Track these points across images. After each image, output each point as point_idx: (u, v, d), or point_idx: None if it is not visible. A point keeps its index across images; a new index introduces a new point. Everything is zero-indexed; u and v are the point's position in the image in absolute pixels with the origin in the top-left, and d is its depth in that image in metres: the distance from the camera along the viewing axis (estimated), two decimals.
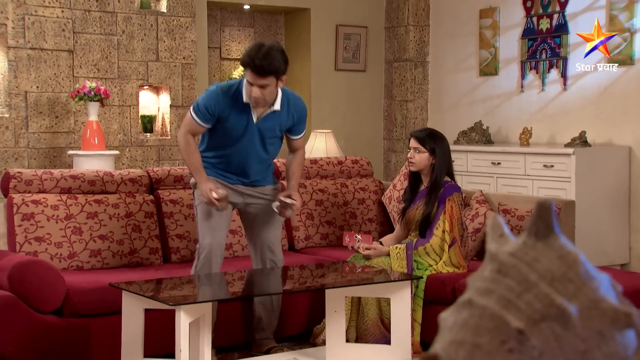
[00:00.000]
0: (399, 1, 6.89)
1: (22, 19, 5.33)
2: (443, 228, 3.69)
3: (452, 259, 3.68)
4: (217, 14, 6.76)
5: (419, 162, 3.79)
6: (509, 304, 0.84)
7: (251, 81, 3.35)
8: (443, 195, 3.72)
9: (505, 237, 0.90)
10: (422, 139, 3.78)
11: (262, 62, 3.31)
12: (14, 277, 3.20)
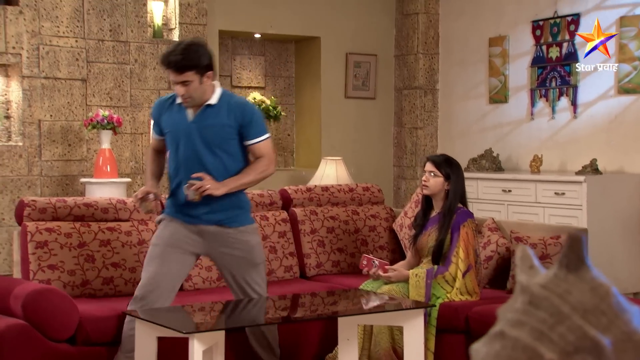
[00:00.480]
0: (408, 29, 6.94)
1: (36, 48, 5.40)
2: (458, 256, 3.66)
3: (467, 286, 3.66)
4: (228, 43, 6.82)
5: (433, 186, 3.76)
6: (541, 336, 0.84)
7: (172, 79, 3.24)
8: (457, 222, 3.70)
9: (535, 268, 0.90)
10: (438, 163, 3.77)
11: (177, 57, 3.18)
12: (27, 305, 3.21)
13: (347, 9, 6.91)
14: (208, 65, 3.25)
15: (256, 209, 4.48)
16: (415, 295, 3.62)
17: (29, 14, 5.36)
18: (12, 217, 5.30)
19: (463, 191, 3.80)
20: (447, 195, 3.76)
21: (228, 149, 3.33)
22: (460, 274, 3.65)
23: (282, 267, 4.39)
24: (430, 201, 3.86)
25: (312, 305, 3.61)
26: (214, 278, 4.17)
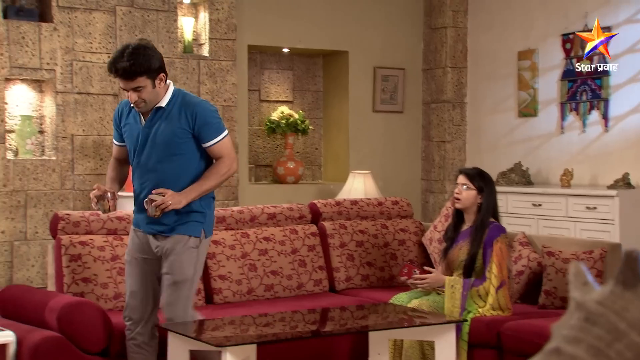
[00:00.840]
0: (436, 43, 6.94)
1: (70, 64, 5.48)
2: (492, 271, 3.63)
3: (499, 302, 3.62)
4: (257, 57, 6.87)
5: (466, 199, 3.72)
6: (599, 353, 0.84)
7: (122, 87, 3.10)
8: (490, 237, 3.66)
9: (589, 285, 0.90)
10: (471, 176, 3.73)
11: (124, 64, 3.02)
12: (62, 317, 3.24)
13: (375, 23, 6.93)
14: (159, 67, 3.11)
15: (285, 222, 4.50)
16: (450, 307, 3.59)
17: (63, 30, 5.45)
18: (45, 230, 5.37)
19: (495, 205, 3.77)
20: (479, 209, 3.72)
21: (184, 152, 3.15)
22: (494, 289, 3.62)
23: (311, 281, 4.39)
24: (461, 214, 3.83)
25: (343, 320, 3.60)
26: (244, 291, 4.19)
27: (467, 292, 3.62)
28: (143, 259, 3.30)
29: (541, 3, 6.23)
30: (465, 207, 3.74)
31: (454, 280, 3.67)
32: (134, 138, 3.23)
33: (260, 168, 6.91)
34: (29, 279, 5.31)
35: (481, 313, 3.62)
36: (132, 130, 3.24)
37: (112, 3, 5.63)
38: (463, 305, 3.60)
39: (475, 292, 3.63)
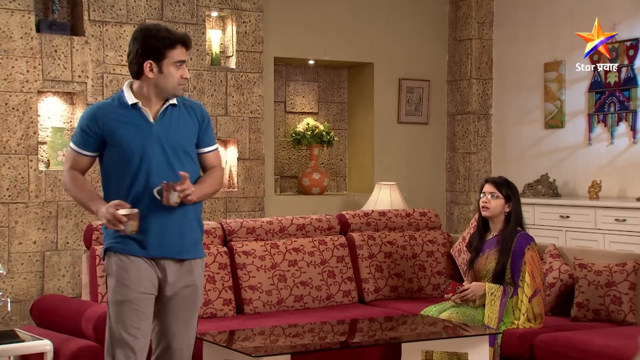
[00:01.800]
0: (461, 55, 6.96)
1: (101, 77, 5.56)
2: (524, 280, 3.62)
3: (534, 310, 3.62)
4: (283, 69, 6.93)
5: (494, 208, 3.74)
6: None
7: (181, 58, 2.79)
8: (519, 245, 3.66)
9: None
10: (499, 184, 3.76)
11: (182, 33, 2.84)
12: (99, 327, 3.29)
13: (400, 35, 6.96)
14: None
15: (314, 233, 4.53)
16: (489, 314, 3.59)
17: (94, 44, 5.54)
18: (75, 240, 5.44)
19: (521, 214, 3.79)
20: (507, 217, 3.73)
21: (192, 155, 2.91)
22: (527, 298, 3.62)
23: (340, 292, 4.41)
24: (486, 223, 3.83)
25: (375, 331, 3.62)
26: (274, 302, 4.22)
27: (507, 299, 3.62)
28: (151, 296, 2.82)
29: (568, 14, 6.22)
30: (493, 215, 3.76)
31: (493, 288, 3.67)
32: (141, 139, 2.78)
33: (285, 179, 6.95)
34: (59, 288, 5.38)
35: (515, 325, 3.61)
36: (137, 131, 2.79)
37: (142, 16, 5.71)
38: (501, 313, 3.60)
39: (510, 304, 3.62)
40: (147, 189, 2.78)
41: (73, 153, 2.87)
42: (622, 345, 3.23)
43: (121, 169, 2.80)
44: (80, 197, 2.85)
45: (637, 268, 3.73)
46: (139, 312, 2.77)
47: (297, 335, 3.53)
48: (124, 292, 2.76)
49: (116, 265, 2.78)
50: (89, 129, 2.82)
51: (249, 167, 6.12)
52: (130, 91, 2.86)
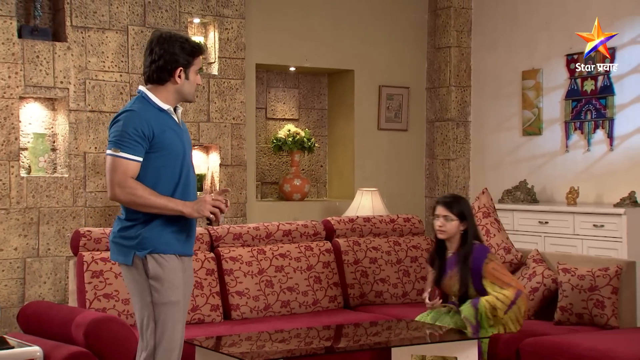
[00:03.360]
0: (440, 62, 7.04)
1: (83, 83, 5.54)
2: (496, 291, 3.64)
3: (521, 309, 3.62)
4: (264, 76, 6.95)
5: (450, 230, 3.75)
6: None
7: (202, 66, 3.06)
8: (475, 262, 3.68)
9: None
10: (450, 205, 3.75)
11: (202, 43, 3.05)
12: (90, 333, 3.28)
13: (380, 42, 7.03)
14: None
15: (300, 239, 4.56)
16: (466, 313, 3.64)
17: (77, 49, 5.52)
18: (57, 247, 5.40)
19: (476, 228, 3.80)
20: (462, 236, 3.74)
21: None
22: (504, 306, 3.61)
23: (326, 297, 4.44)
24: (442, 242, 3.84)
25: (364, 336, 3.65)
26: (261, 307, 4.24)
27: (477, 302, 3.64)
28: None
29: (546, 24, 6.34)
30: (449, 237, 3.77)
31: (469, 314, 3.69)
32: (180, 142, 2.89)
33: (266, 185, 6.97)
34: (40, 295, 5.34)
35: (498, 330, 3.66)
36: (176, 135, 2.89)
37: (125, 23, 5.70)
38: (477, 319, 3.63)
39: (484, 313, 3.62)
40: (186, 191, 2.88)
41: (127, 162, 2.77)
42: (609, 349, 3.30)
43: (167, 172, 2.84)
44: (159, 203, 2.78)
45: (620, 273, 3.82)
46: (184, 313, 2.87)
47: (284, 340, 3.55)
48: (176, 293, 2.81)
49: (162, 267, 2.80)
50: (142, 133, 2.78)
51: (231, 173, 6.14)
52: (154, 96, 2.89)
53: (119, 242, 2.84)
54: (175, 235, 2.84)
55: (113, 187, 2.79)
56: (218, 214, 2.84)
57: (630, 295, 3.83)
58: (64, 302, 5.26)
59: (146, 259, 2.78)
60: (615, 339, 3.46)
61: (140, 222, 2.80)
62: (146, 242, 2.79)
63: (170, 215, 2.82)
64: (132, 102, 2.89)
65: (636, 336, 3.55)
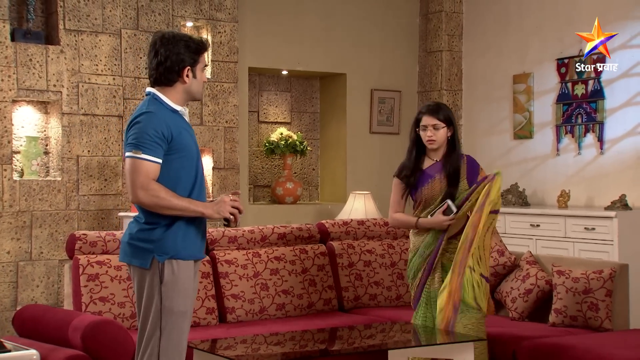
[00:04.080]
0: (432, 66, 7.08)
1: (76, 86, 5.54)
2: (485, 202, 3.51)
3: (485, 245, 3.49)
4: (256, 79, 6.97)
5: (440, 139, 3.63)
6: None
7: (207, 63, 3.03)
8: (471, 165, 3.66)
9: None
10: (436, 112, 3.62)
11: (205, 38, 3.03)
12: (87, 336, 3.28)
13: (372, 46, 7.06)
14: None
15: (295, 242, 4.57)
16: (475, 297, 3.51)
17: (70, 53, 5.51)
18: (49, 250, 5.39)
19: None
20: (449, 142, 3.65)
21: None
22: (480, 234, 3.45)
23: (321, 300, 4.46)
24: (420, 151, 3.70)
25: (360, 339, 3.66)
26: (256, 310, 4.25)
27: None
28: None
29: (537, 28, 6.39)
30: (440, 146, 3.65)
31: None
32: (194, 144, 2.90)
33: (258, 188, 6.98)
34: (33, 299, 5.32)
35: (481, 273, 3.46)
36: (190, 137, 2.88)
37: (118, 26, 5.70)
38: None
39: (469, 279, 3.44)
40: (201, 192, 2.87)
41: (148, 164, 2.73)
42: (604, 352, 3.33)
43: (184, 173, 2.82)
44: (182, 205, 2.75)
45: (614, 275, 3.86)
46: (189, 322, 2.84)
47: (279, 343, 3.56)
48: (185, 303, 2.77)
49: (177, 275, 2.76)
50: (161, 135, 2.75)
51: (224, 177, 6.14)
52: (166, 98, 2.86)
53: (136, 244, 2.78)
54: (194, 238, 2.84)
55: (135, 190, 2.73)
56: (237, 215, 2.84)
57: (624, 297, 3.87)
58: (57, 305, 5.25)
59: (164, 264, 2.74)
60: (610, 341, 3.49)
61: (162, 225, 2.76)
62: (167, 247, 2.75)
63: (188, 218, 2.80)
64: (145, 103, 2.86)
65: (630, 338, 3.59)
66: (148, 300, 2.75)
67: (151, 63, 2.88)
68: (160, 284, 2.74)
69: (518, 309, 4.12)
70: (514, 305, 4.14)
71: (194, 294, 2.89)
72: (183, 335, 2.79)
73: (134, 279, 2.80)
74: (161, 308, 2.73)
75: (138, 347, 2.79)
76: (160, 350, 2.73)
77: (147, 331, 2.76)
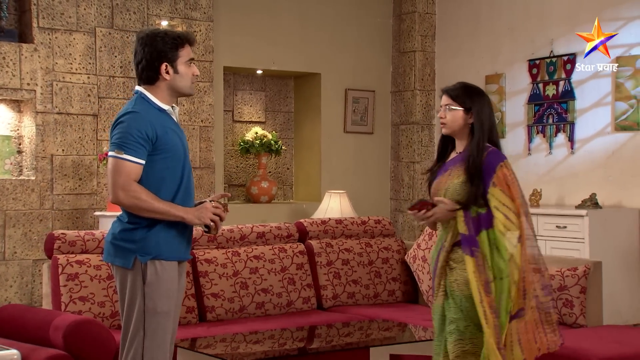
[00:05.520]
0: (405, 66, 7.15)
1: (50, 85, 5.49)
2: (501, 202, 2.86)
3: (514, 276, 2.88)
4: (231, 79, 6.97)
5: (452, 121, 3.03)
6: None
7: (192, 56, 2.86)
8: (489, 163, 2.90)
9: None
10: (454, 93, 3.08)
11: (188, 32, 2.93)
12: (69, 336, 3.27)
13: (346, 46, 7.10)
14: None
15: (274, 241, 4.59)
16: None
17: (44, 51, 5.46)
18: (23, 250, 5.34)
19: (492, 125, 3.03)
20: (471, 130, 3.00)
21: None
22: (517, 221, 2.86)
23: (300, 299, 4.49)
24: (447, 143, 3.13)
25: (337, 336, 3.70)
26: (236, 309, 4.26)
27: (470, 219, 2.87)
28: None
29: (508, 29, 6.49)
30: (452, 130, 3.05)
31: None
32: (181, 143, 2.85)
33: (233, 188, 6.99)
34: (7, 299, 5.27)
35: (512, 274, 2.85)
36: (177, 136, 2.84)
37: (92, 24, 5.67)
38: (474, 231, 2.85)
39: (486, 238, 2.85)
40: (187, 194, 2.83)
41: (130, 164, 2.71)
42: (580, 347, 3.41)
43: (169, 175, 2.78)
44: (162, 209, 2.73)
45: (588, 273, 3.94)
46: (175, 321, 2.82)
47: (258, 341, 3.59)
48: (168, 303, 2.76)
49: (160, 275, 2.74)
50: (145, 135, 2.71)
51: (200, 176, 6.14)
52: (153, 96, 2.82)
53: (119, 244, 2.77)
54: (178, 239, 2.81)
55: (116, 190, 2.71)
56: (218, 222, 2.82)
57: (597, 294, 3.96)
58: (32, 305, 5.20)
59: (147, 265, 2.73)
60: (585, 337, 3.57)
61: (144, 225, 2.74)
62: (150, 247, 2.74)
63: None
64: (132, 102, 2.82)
65: (604, 334, 3.68)
66: (131, 300, 2.74)
67: (134, 63, 2.88)
68: (143, 284, 2.73)
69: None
70: None
71: (181, 294, 2.88)
72: (167, 335, 2.78)
73: (117, 278, 2.80)
74: (144, 309, 2.72)
75: (122, 347, 2.79)
76: (144, 351, 2.73)
77: (131, 331, 2.75)
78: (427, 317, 4.15)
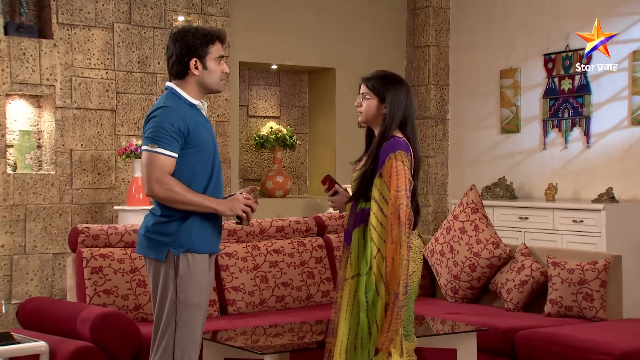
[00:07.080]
0: (419, 61, 7.16)
1: (69, 80, 5.53)
2: (380, 194, 2.76)
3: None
4: (245, 74, 7.00)
5: (366, 111, 2.95)
6: None
7: (222, 53, 2.90)
8: (382, 154, 2.82)
9: None
10: (370, 84, 2.98)
11: (219, 29, 2.95)
12: (96, 328, 3.31)
13: (360, 41, 7.12)
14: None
15: (293, 235, 4.63)
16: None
17: (63, 47, 5.51)
18: (43, 244, 5.39)
19: (406, 116, 2.90)
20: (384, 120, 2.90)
21: None
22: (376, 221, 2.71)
23: (319, 292, 4.52)
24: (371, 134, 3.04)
25: None
26: (256, 302, 4.30)
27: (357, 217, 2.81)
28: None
29: (523, 23, 6.50)
30: (367, 119, 2.98)
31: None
32: (211, 138, 2.88)
33: (248, 182, 7.02)
34: (27, 292, 5.32)
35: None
36: (207, 130, 2.88)
37: (110, 20, 5.71)
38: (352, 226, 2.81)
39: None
40: (218, 187, 2.88)
41: (163, 158, 2.75)
42: (601, 340, 3.44)
43: (200, 168, 2.82)
44: (195, 200, 2.76)
45: (608, 266, 3.96)
46: (204, 314, 2.87)
47: (277, 335, 3.62)
48: (199, 295, 2.80)
49: (192, 268, 2.78)
50: (177, 129, 2.76)
51: None
52: (183, 92, 2.86)
53: (152, 237, 2.80)
54: (210, 232, 2.86)
55: (151, 183, 2.75)
56: (250, 213, 2.87)
57: (617, 288, 3.98)
58: (52, 298, 5.26)
59: (179, 257, 2.76)
60: (606, 331, 3.60)
61: (177, 218, 2.78)
62: (183, 240, 2.78)
63: (203, 212, 2.83)
64: (163, 98, 2.87)
65: (624, 327, 3.70)
66: (163, 292, 2.78)
67: (165, 58, 2.93)
68: (175, 276, 2.76)
69: (513, 299, 4.22)
70: (509, 296, 4.25)
71: (210, 287, 2.92)
72: (197, 327, 2.82)
73: (150, 271, 2.84)
74: (176, 300, 2.76)
75: (154, 339, 2.83)
76: (175, 342, 2.77)
77: (163, 323, 2.79)
78: (445, 310, 4.19)
